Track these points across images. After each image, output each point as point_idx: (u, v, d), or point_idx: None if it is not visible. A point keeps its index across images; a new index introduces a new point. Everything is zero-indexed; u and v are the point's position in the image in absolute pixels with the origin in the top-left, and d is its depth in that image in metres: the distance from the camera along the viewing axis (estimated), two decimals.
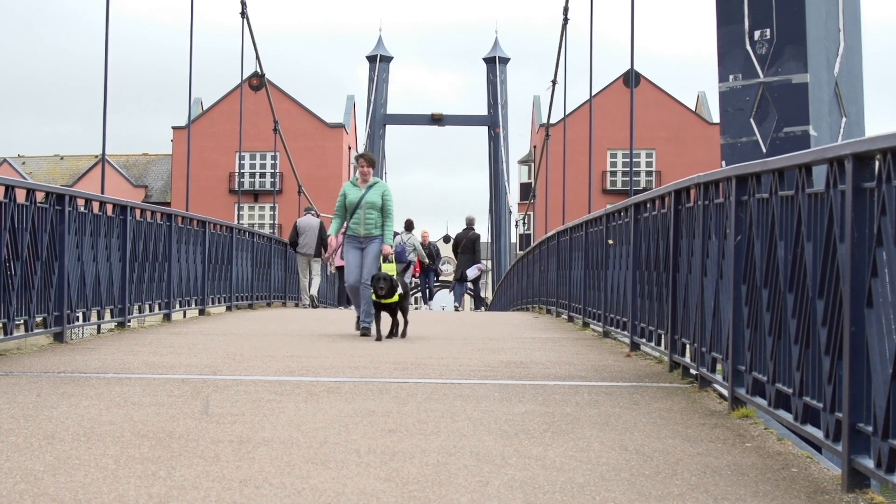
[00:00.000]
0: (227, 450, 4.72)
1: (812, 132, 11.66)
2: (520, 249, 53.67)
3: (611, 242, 11.12)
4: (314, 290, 22.84)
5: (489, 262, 50.33)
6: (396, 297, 11.08)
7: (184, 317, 15.31)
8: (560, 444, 5.00)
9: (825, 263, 4.53)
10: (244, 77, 29.99)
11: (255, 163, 60.25)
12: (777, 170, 5.32)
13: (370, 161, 11.94)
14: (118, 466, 4.33)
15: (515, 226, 60.36)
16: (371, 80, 59.30)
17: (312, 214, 23.05)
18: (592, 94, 26.17)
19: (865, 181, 4.13)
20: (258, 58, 30.54)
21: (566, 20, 27.84)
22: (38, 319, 9.62)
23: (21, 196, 9.00)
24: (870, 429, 4.03)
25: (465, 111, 73.67)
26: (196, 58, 32.59)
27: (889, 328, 3.89)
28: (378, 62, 59.08)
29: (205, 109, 60.52)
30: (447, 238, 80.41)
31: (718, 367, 6.67)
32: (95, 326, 11.77)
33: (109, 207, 11.87)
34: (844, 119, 12.07)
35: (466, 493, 3.99)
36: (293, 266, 23.53)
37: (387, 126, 60.12)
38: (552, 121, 39.29)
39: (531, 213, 56.99)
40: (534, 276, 21.59)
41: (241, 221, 56.41)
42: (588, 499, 3.96)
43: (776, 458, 4.81)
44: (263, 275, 21.13)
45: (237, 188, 49.46)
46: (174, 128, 60.52)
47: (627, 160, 57.61)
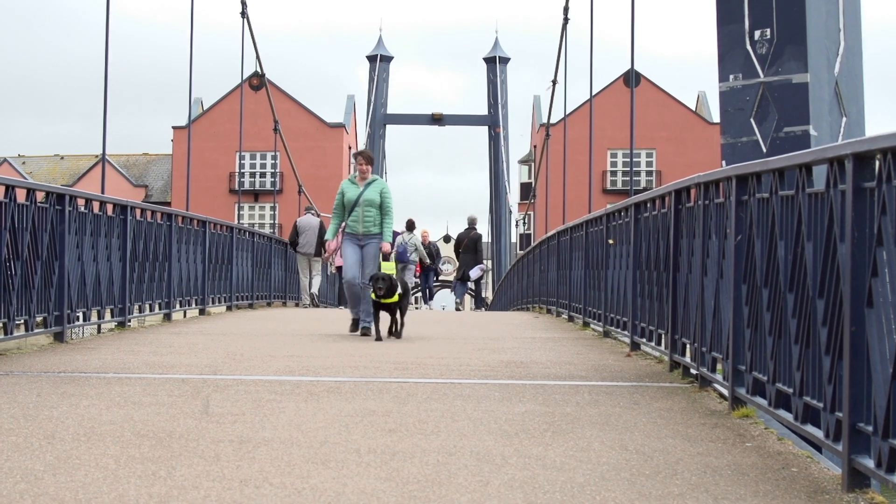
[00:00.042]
0: (228, 449, 4.72)
1: (812, 132, 11.66)
2: (520, 249, 53.67)
3: (611, 242, 11.12)
4: (315, 289, 22.83)
5: (489, 262, 50.28)
6: (396, 297, 11.04)
7: (184, 317, 15.31)
8: (560, 444, 5.00)
9: (825, 263, 4.53)
10: (244, 77, 30.00)
11: (256, 162, 60.26)
12: (777, 169, 5.32)
13: (368, 159, 11.82)
14: (118, 466, 4.33)
15: (516, 225, 60.38)
16: (371, 80, 59.33)
17: (312, 214, 23.05)
18: (593, 94, 26.17)
19: (866, 181, 4.13)
20: (258, 57, 30.58)
21: (566, 20, 27.85)
22: (39, 319, 9.62)
23: (21, 196, 9.00)
24: (870, 428, 4.03)
25: (466, 111, 73.67)
26: (196, 58, 32.60)
27: (889, 328, 3.89)
28: (378, 62, 59.11)
29: (205, 109, 60.53)
30: (447, 238, 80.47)
31: (719, 367, 6.67)
32: (96, 326, 11.77)
33: (110, 207, 11.87)
34: (845, 119, 12.07)
35: (467, 493, 3.99)
36: (293, 266, 23.53)
37: (387, 126, 60.15)
38: (552, 120, 39.29)
39: (531, 213, 57.01)
40: (534, 276, 21.59)
41: (242, 221, 56.42)
42: (588, 498, 3.96)
43: (776, 458, 4.81)
44: (264, 274, 21.13)
45: (237, 188, 49.43)
46: (174, 127, 60.54)
47: (628, 160, 57.59)
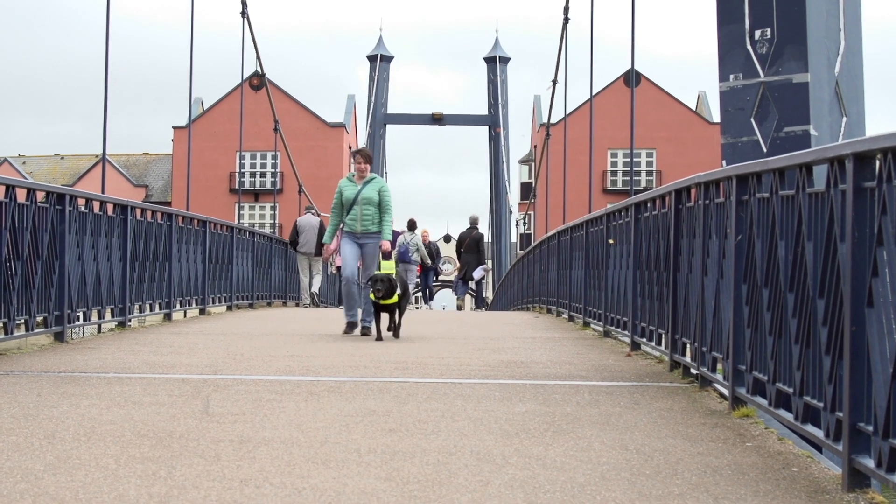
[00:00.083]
0: (228, 449, 4.72)
1: (813, 132, 11.66)
2: (520, 249, 53.67)
3: (611, 242, 11.12)
4: (315, 289, 22.83)
5: (490, 262, 50.30)
6: (395, 298, 10.98)
7: (184, 316, 15.31)
8: (561, 444, 5.00)
9: (826, 263, 4.53)
10: (244, 77, 30.00)
11: (256, 162, 60.25)
12: (777, 169, 5.32)
13: (367, 157, 11.71)
14: (119, 466, 4.33)
15: (516, 225, 60.42)
16: (371, 80, 59.36)
17: (313, 213, 23.05)
18: (593, 94, 26.16)
19: (866, 181, 4.13)
20: (258, 57, 30.57)
21: (566, 20, 27.85)
22: (39, 319, 9.62)
23: (21, 196, 9.00)
24: (870, 428, 4.03)
25: (466, 111, 73.63)
26: (196, 57, 32.61)
27: (889, 328, 3.89)
28: (378, 62, 59.14)
29: (205, 109, 60.53)
30: (447, 238, 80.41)
31: (719, 367, 6.67)
32: (96, 326, 11.77)
33: (110, 207, 11.87)
34: (845, 119, 12.07)
35: (467, 493, 3.99)
36: (294, 265, 23.53)
37: (387, 126, 60.18)
38: (553, 120, 39.30)
39: (531, 213, 57.00)
40: (534, 276, 21.59)
41: (242, 221, 56.41)
42: (589, 498, 3.96)
43: (777, 458, 4.81)
44: (264, 274, 21.13)
45: (238, 188, 49.31)
46: (174, 127, 60.53)
47: (628, 160, 57.57)
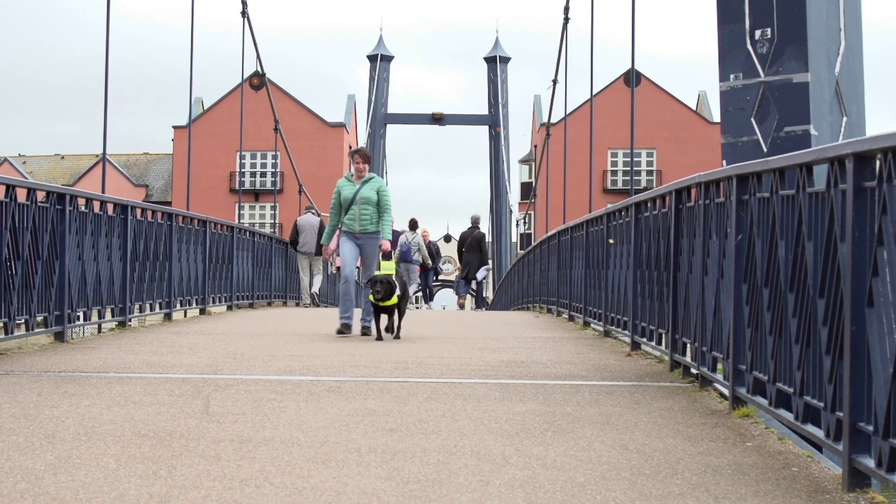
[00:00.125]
0: (228, 449, 4.72)
1: (813, 131, 11.66)
2: (520, 249, 53.68)
3: (611, 242, 11.11)
4: (316, 289, 22.83)
5: (490, 262, 50.29)
6: (395, 300, 10.94)
7: (184, 316, 15.31)
8: (561, 444, 4.99)
9: (826, 263, 4.53)
10: (245, 76, 30.00)
11: (256, 162, 60.25)
12: (778, 169, 5.32)
13: (366, 157, 11.64)
14: (119, 466, 4.33)
15: (516, 225, 60.41)
16: (372, 80, 59.36)
17: (313, 213, 23.04)
18: (593, 94, 26.16)
19: (866, 180, 4.13)
20: (259, 57, 30.57)
21: (567, 20, 27.85)
22: (39, 319, 9.62)
23: (22, 195, 9.00)
24: (870, 428, 4.03)
25: (466, 111, 73.68)
26: (197, 57, 32.62)
27: (890, 327, 3.89)
28: (379, 61, 59.14)
29: (205, 109, 60.53)
30: (448, 237, 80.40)
31: (719, 367, 6.67)
32: (96, 326, 11.77)
33: (110, 207, 11.87)
34: (845, 118, 12.07)
35: (467, 493, 3.99)
36: (294, 265, 23.53)
37: (387, 125, 60.18)
38: (553, 120, 39.30)
39: (532, 213, 57.00)
40: (534, 276, 21.59)
41: (242, 221, 56.40)
42: (589, 498, 3.96)
43: (777, 458, 4.81)
44: (264, 274, 21.13)
45: (238, 187, 49.30)
46: (175, 127, 60.53)
47: (628, 159, 57.54)
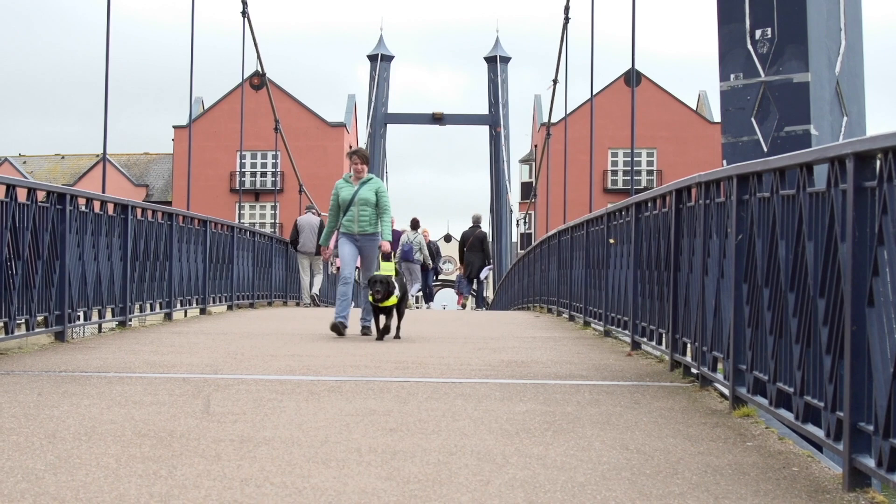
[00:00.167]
0: (229, 449, 4.72)
1: (813, 131, 11.66)
2: (521, 248, 53.68)
3: (612, 242, 11.11)
4: (316, 290, 22.82)
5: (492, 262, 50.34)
6: (394, 300, 10.92)
7: (185, 316, 15.31)
8: (561, 444, 4.99)
9: (826, 262, 4.53)
10: (245, 76, 30.00)
11: (257, 162, 60.25)
12: (778, 169, 5.32)
13: (364, 157, 11.57)
14: (119, 465, 4.33)
15: (516, 225, 60.41)
16: (372, 79, 59.35)
17: (313, 213, 23.04)
18: (593, 94, 26.15)
19: (867, 180, 4.13)
20: (259, 57, 30.57)
21: (567, 19, 27.84)
22: (40, 318, 9.62)
23: (22, 195, 9.00)
24: (871, 428, 4.03)
25: (466, 110, 73.65)
26: (197, 57, 32.60)
27: (890, 327, 3.89)
28: (379, 61, 59.13)
29: (206, 108, 60.52)
30: (448, 237, 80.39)
31: (719, 367, 6.67)
32: (96, 325, 11.77)
33: (110, 207, 11.87)
34: (846, 118, 12.08)
35: (467, 493, 3.99)
36: (294, 265, 23.53)
37: (388, 125, 60.16)
38: (553, 120, 39.30)
39: (532, 213, 57.00)
40: (535, 276, 21.59)
41: (243, 220, 56.41)
42: (589, 498, 3.96)
43: (777, 458, 4.81)
44: (264, 274, 21.13)
45: (238, 187, 49.40)
46: (175, 127, 60.52)
47: (628, 159, 57.56)
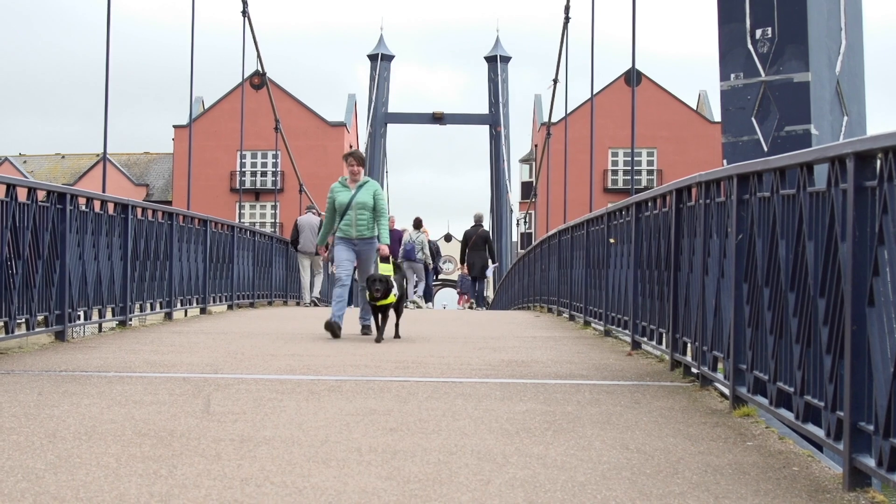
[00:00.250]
0: (229, 448, 4.72)
1: (813, 131, 11.66)
2: (521, 248, 53.67)
3: (612, 241, 11.11)
4: (316, 292, 22.82)
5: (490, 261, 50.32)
6: (392, 298, 10.91)
7: (185, 315, 15.31)
8: (561, 443, 5.00)
9: (826, 262, 4.53)
10: (245, 76, 29.99)
11: (257, 161, 60.26)
12: (778, 168, 5.32)
13: (360, 159, 11.47)
14: (119, 465, 4.33)
15: (517, 224, 60.41)
16: (372, 79, 59.38)
17: (314, 213, 23.05)
18: (594, 93, 26.15)
19: (867, 180, 4.13)
20: (259, 56, 30.58)
21: (567, 19, 27.85)
22: (40, 318, 9.62)
23: (22, 195, 9.00)
24: (871, 427, 4.03)
25: (467, 110, 73.65)
26: (197, 56, 32.60)
27: (890, 327, 3.89)
28: (379, 61, 59.15)
29: (206, 108, 60.53)
30: (448, 237, 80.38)
31: (719, 366, 6.67)
32: (97, 325, 11.77)
33: (111, 206, 11.87)
34: (846, 118, 12.07)
35: (468, 492, 3.99)
36: (294, 265, 23.54)
37: (388, 125, 60.20)
38: (553, 119, 39.30)
39: (532, 212, 57.00)
40: (535, 275, 21.59)
41: (243, 220, 56.42)
42: (589, 497, 3.96)
43: (777, 457, 4.81)
44: (265, 273, 21.13)
45: (238, 187, 49.40)
46: (175, 126, 60.53)
47: (629, 159, 57.56)
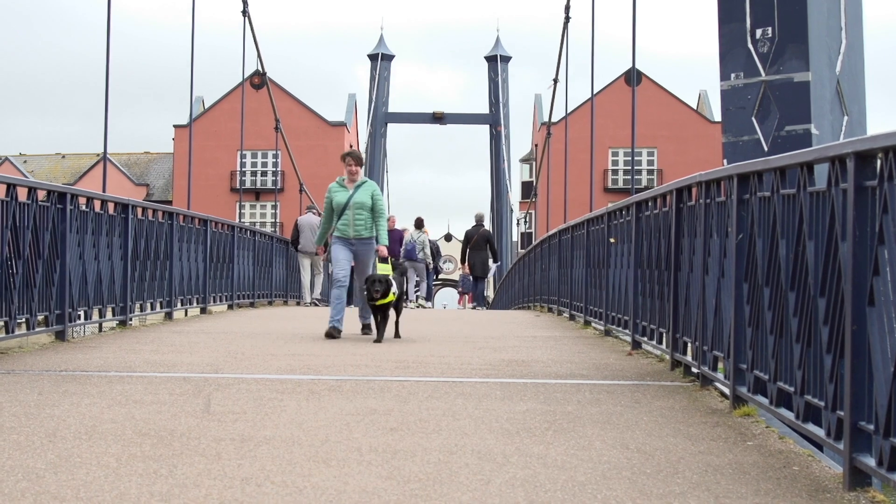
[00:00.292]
0: (229, 448, 4.72)
1: (814, 130, 11.66)
2: (521, 248, 53.66)
3: (612, 241, 11.11)
4: (317, 293, 22.82)
5: (491, 261, 50.31)
6: (392, 297, 10.90)
7: (185, 315, 15.31)
8: (561, 443, 5.00)
9: (827, 262, 4.53)
10: (245, 75, 29.99)
11: (257, 161, 60.27)
12: (779, 168, 5.32)
13: (358, 159, 11.43)
14: (120, 465, 4.33)
15: (517, 224, 60.42)
16: (372, 79, 59.39)
17: (314, 213, 23.05)
18: (594, 93, 26.15)
19: (867, 180, 4.13)
20: (259, 56, 30.58)
21: (567, 18, 27.84)
22: (40, 318, 9.62)
23: (23, 195, 9.00)
24: (871, 427, 4.03)
25: (467, 109, 73.72)
26: (197, 56, 32.62)
27: (891, 326, 3.89)
28: (379, 60, 59.17)
29: (206, 108, 60.54)
30: (448, 236, 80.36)
31: (720, 366, 6.67)
32: (97, 325, 11.77)
33: (111, 206, 11.87)
34: (846, 117, 12.07)
35: (468, 492, 3.99)
36: (295, 264, 23.54)
37: (388, 124, 60.21)
38: (553, 119, 39.30)
39: (532, 212, 57.00)
40: (535, 275, 21.59)
41: (243, 220, 56.42)
42: (590, 497, 3.96)
43: (777, 457, 4.81)
44: (265, 273, 21.13)
45: (239, 186, 49.41)
46: (176, 126, 60.54)
47: (629, 158, 57.56)
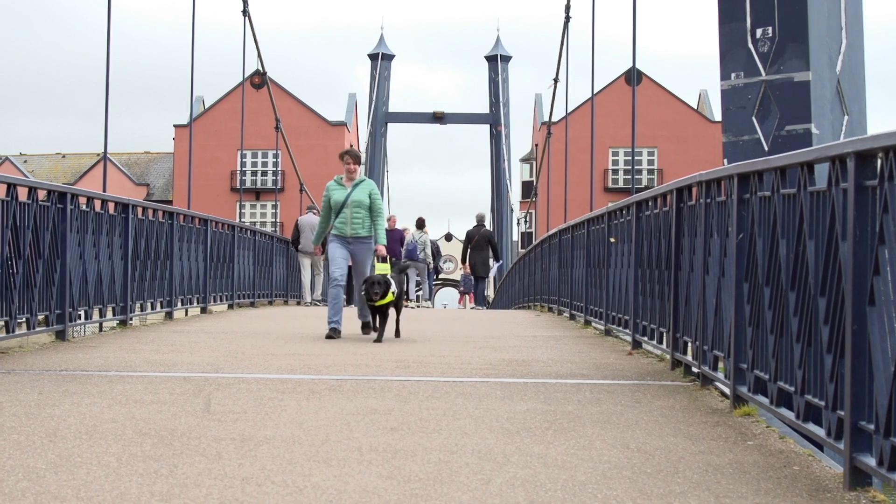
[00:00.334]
0: (229, 448, 4.72)
1: (814, 130, 11.66)
2: (521, 247, 53.67)
3: (612, 240, 11.11)
4: (318, 294, 22.82)
5: (491, 261, 50.31)
6: (391, 297, 10.88)
7: (186, 315, 15.31)
8: (562, 442, 5.00)
9: (827, 261, 4.53)
10: (246, 75, 30.00)
11: (257, 161, 60.28)
12: (779, 168, 5.32)
13: (356, 158, 11.40)
14: (120, 464, 4.33)
15: (517, 224, 60.44)
16: (373, 78, 59.41)
17: (314, 213, 23.05)
18: (594, 93, 26.15)
19: (867, 179, 4.13)
20: (260, 56, 30.59)
21: (568, 18, 27.85)
22: (41, 317, 9.62)
23: (23, 194, 9.00)
24: (872, 427, 4.03)
25: (467, 109, 73.78)
26: (198, 56, 32.63)
27: (891, 326, 3.89)
28: (380, 60, 59.19)
29: (206, 107, 60.55)
30: (449, 236, 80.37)
31: (720, 366, 6.67)
32: (97, 324, 11.77)
33: (111, 206, 11.87)
34: (846, 117, 12.08)
35: (468, 492, 3.99)
36: (295, 264, 23.54)
37: (388, 124, 60.24)
38: (554, 119, 39.29)
39: (533, 212, 57.00)
40: (535, 275, 21.59)
41: (243, 220, 56.42)
42: (590, 497, 3.96)
43: (778, 457, 4.81)
44: (265, 273, 21.14)
45: (239, 186, 49.47)
46: (176, 126, 60.55)
47: (629, 158, 57.55)
